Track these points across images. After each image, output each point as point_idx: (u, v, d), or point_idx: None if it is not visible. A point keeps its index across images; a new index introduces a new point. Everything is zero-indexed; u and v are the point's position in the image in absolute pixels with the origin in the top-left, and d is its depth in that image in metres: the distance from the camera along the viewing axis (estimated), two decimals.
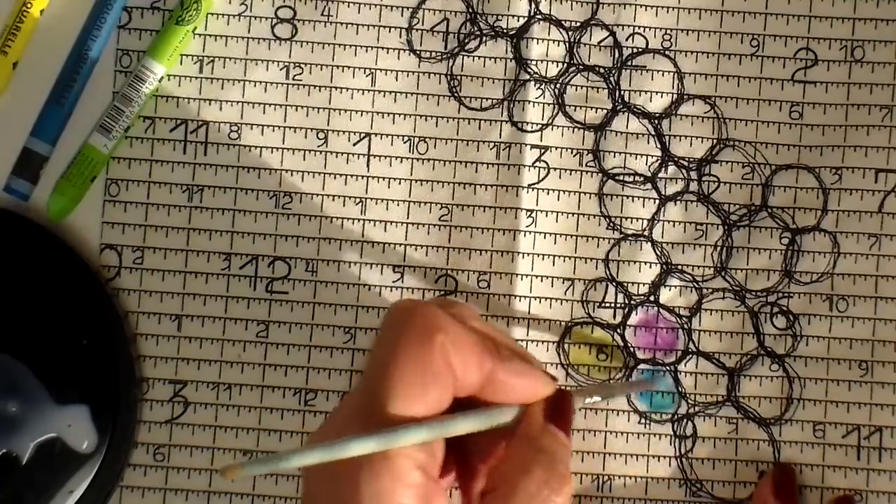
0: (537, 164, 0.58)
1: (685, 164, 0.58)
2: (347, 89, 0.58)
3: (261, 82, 0.58)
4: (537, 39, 0.58)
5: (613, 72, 0.58)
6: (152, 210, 0.58)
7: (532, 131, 0.58)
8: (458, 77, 0.58)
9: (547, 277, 0.58)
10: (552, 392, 0.50)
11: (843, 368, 0.57)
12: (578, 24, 0.58)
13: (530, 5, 0.58)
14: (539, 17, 0.58)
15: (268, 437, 0.57)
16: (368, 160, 0.58)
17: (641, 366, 0.58)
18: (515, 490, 0.47)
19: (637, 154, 0.58)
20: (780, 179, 0.58)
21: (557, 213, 0.58)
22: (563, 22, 0.58)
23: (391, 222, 0.58)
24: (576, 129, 0.58)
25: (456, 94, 0.58)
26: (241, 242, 0.58)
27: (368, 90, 0.58)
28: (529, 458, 0.48)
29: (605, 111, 0.58)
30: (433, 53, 0.58)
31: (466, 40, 0.58)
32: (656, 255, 0.58)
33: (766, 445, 0.57)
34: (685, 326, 0.58)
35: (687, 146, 0.58)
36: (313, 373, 0.58)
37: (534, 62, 0.58)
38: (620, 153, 0.58)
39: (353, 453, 0.45)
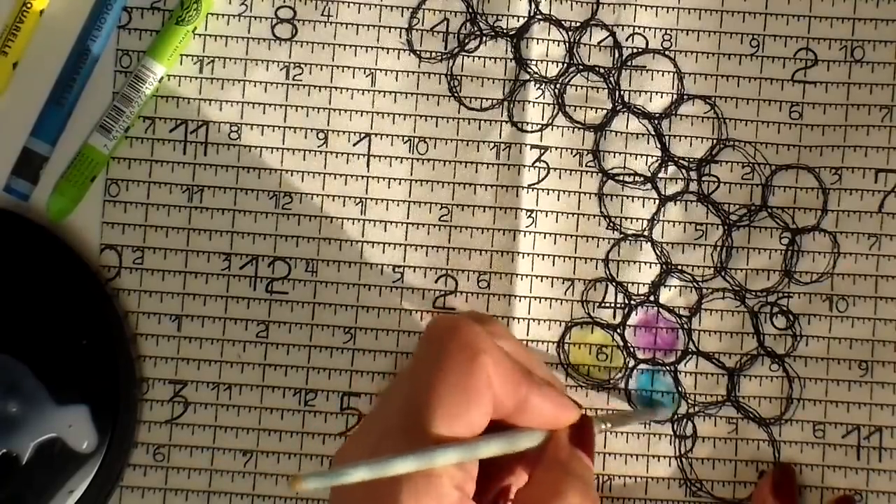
0: (537, 164, 0.58)
1: (685, 164, 0.58)
2: (347, 89, 0.58)
3: (261, 82, 0.58)
4: (537, 39, 0.58)
5: (613, 72, 0.58)
6: (152, 210, 0.58)
7: (532, 131, 0.58)
8: (458, 77, 0.58)
9: (547, 277, 0.58)
10: (577, 419, 0.50)
11: (843, 368, 0.57)
12: (578, 24, 0.58)
13: (530, 5, 0.58)
14: (539, 17, 0.58)
15: (268, 437, 0.57)
16: (368, 160, 0.58)
17: (641, 366, 0.58)
18: None
19: (637, 154, 0.58)
20: (780, 179, 0.58)
21: (557, 213, 0.58)
22: (563, 22, 0.58)
23: (391, 222, 0.58)
24: (576, 130, 0.58)
25: (456, 95, 0.58)
26: (241, 242, 0.58)
27: (368, 90, 0.58)
28: (561, 481, 0.48)
29: (604, 111, 0.58)
30: (433, 53, 0.58)
31: (466, 40, 0.58)
32: (656, 255, 0.58)
33: (766, 445, 0.57)
34: (685, 326, 0.58)
35: (687, 146, 0.58)
36: (313, 373, 0.58)
37: (534, 62, 0.58)
38: (620, 153, 0.58)
39: (398, 471, 0.45)
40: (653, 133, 0.58)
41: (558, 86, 0.58)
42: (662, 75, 0.58)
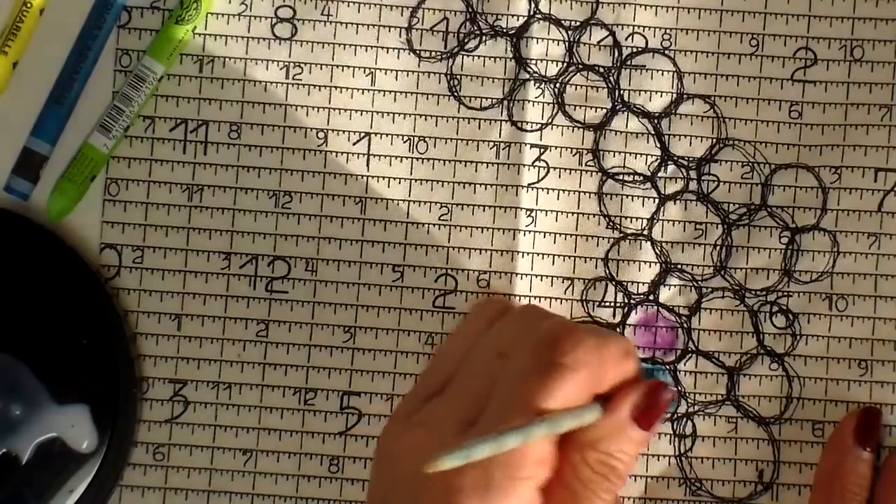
0: (537, 163, 0.58)
1: (685, 163, 0.58)
2: (347, 89, 0.58)
3: (260, 82, 0.58)
4: (537, 39, 0.58)
5: (613, 71, 0.58)
6: (152, 209, 0.58)
7: (532, 130, 0.58)
8: (458, 76, 0.58)
9: (546, 276, 0.58)
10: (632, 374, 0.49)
11: (843, 367, 0.57)
12: (578, 23, 0.58)
13: (530, 5, 0.58)
14: (539, 16, 0.58)
15: (268, 437, 0.57)
16: (368, 159, 0.58)
17: (641, 364, 0.58)
18: None
19: (637, 153, 0.58)
20: (780, 178, 0.58)
21: (557, 212, 0.58)
22: (563, 21, 0.58)
23: (391, 221, 0.58)
24: (575, 129, 0.58)
25: (456, 94, 0.58)
26: (240, 242, 0.58)
27: (368, 90, 0.58)
28: (588, 479, 0.48)
29: (604, 110, 0.58)
30: (433, 53, 0.58)
31: (466, 40, 0.58)
32: (656, 254, 0.58)
33: (766, 444, 0.57)
34: (685, 325, 0.58)
35: (686, 145, 0.58)
36: (313, 372, 0.58)
37: (533, 61, 0.58)
38: (620, 152, 0.58)
39: (510, 446, 0.45)
40: (652, 132, 0.58)
41: (558, 85, 0.58)
42: (662, 74, 0.58)
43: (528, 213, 0.58)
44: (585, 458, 0.48)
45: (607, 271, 0.58)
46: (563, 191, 0.58)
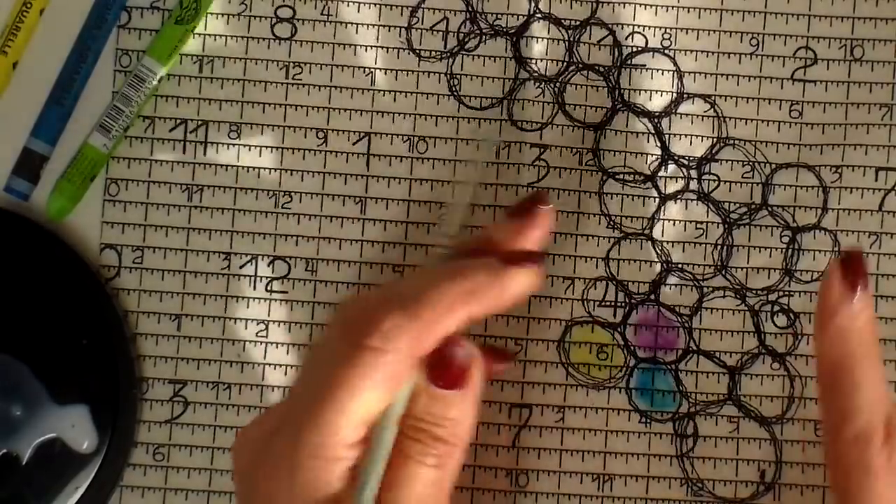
0: (537, 162, 0.58)
1: (685, 162, 0.58)
2: (347, 88, 0.58)
3: (260, 81, 0.58)
4: (537, 38, 0.58)
5: (613, 70, 0.58)
6: (152, 210, 0.58)
7: (532, 130, 0.58)
8: (458, 76, 0.58)
9: (547, 276, 0.58)
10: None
11: None
12: (578, 22, 0.58)
13: (530, 4, 0.58)
14: (539, 15, 0.58)
15: None
16: (368, 159, 0.58)
17: (642, 364, 0.58)
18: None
19: (637, 153, 0.58)
20: (781, 178, 0.58)
21: (557, 211, 0.58)
22: (563, 21, 0.58)
23: (391, 221, 0.58)
24: (575, 128, 0.58)
25: (455, 93, 0.58)
26: (240, 242, 0.58)
27: (368, 89, 0.58)
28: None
29: (604, 110, 0.58)
30: (433, 52, 0.58)
31: (466, 39, 0.58)
32: (656, 253, 0.58)
33: (768, 444, 0.57)
34: (686, 325, 0.58)
35: (687, 145, 0.58)
36: None
37: (533, 61, 0.58)
38: (620, 152, 0.58)
39: None
40: (653, 132, 0.58)
41: (558, 84, 0.58)
42: (662, 74, 0.58)
43: None
44: (402, 428, 0.46)
45: (608, 271, 0.58)
46: (564, 190, 0.58)
